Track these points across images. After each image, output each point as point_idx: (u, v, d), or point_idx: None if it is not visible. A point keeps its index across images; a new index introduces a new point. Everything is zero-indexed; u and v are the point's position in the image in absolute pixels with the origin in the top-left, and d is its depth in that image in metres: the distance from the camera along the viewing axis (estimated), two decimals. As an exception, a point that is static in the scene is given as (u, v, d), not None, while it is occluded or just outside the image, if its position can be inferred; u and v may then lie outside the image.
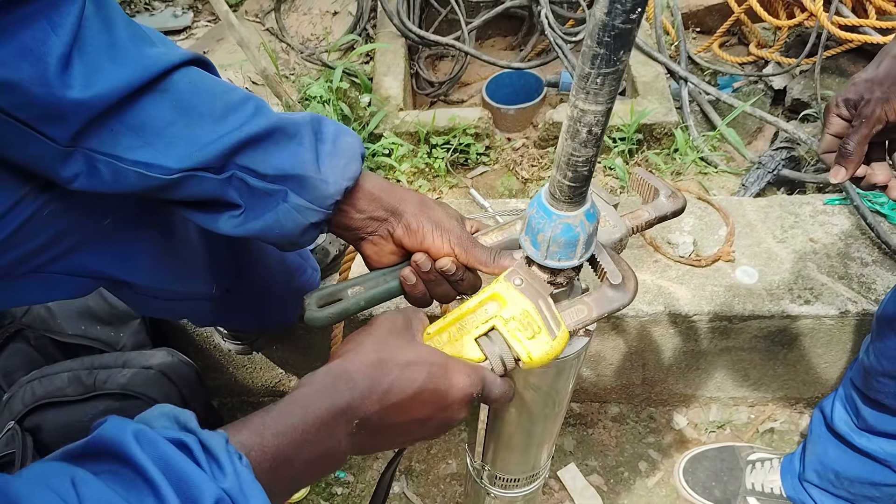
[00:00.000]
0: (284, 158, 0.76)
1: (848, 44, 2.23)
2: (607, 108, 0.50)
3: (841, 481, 1.42)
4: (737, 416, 1.81)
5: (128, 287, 0.98)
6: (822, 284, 1.53)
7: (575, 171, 0.56)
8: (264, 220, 0.78)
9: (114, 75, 0.67)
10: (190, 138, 0.72)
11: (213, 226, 0.80)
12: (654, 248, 1.61)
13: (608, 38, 0.44)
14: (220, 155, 0.73)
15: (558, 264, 0.66)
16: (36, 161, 0.71)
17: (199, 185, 0.75)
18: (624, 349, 1.63)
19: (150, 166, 0.72)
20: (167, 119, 0.71)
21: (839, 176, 0.99)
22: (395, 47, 2.53)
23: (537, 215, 0.63)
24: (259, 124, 0.75)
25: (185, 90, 0.72)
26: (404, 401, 0.64)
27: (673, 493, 1.70)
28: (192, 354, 1.66)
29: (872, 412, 1.28)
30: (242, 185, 0.76)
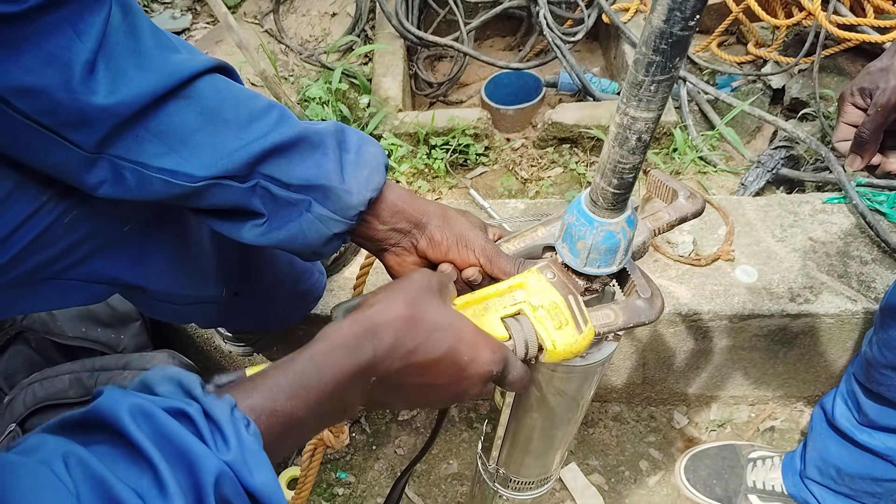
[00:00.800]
0: (309, 168, 0.76)
1: (846, 43, 2.23)
2: (658, 114, 0.49)
3: (842, 477, 1.42)
4: (737, 415, 1.81)
5: (142, 292, 0.98)
6: (822, 283, 1.54)
7: (621, 178, 0.55)
8: (288, 229, 0.78)
9: (139, 82, 0.68)
10: (215, 146, 0.72)
11: (236, 234, 0.80)
12: (654, 248, 1.61)
13: (665, 45, 0.44)
14: (245, 163, 0.73)
15: (597, 271, 0.66)
16: (60, 167, 0.71)
17: (223, 193, 0.75)
18: (624, 349, 1.64)
19: (175, 174, 0.72)
20: (192, 126, 0.71)
21: (855, 164, 0.99)
22: (394, 48, 2.53)
23: (577, 222, 0.62)
24: (284, 133, 0.75)
25: (210, 97, 0.73)
26: (427, 363, 0.62)
27: (674, 492, 1.70)
28: (193, 356, 1.66)
29: (874, 407, 1.28)
30: (266, 195, 0.76)
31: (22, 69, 0.62)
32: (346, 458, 1.77)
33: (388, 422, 1.83)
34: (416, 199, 0.83)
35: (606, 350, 0.75)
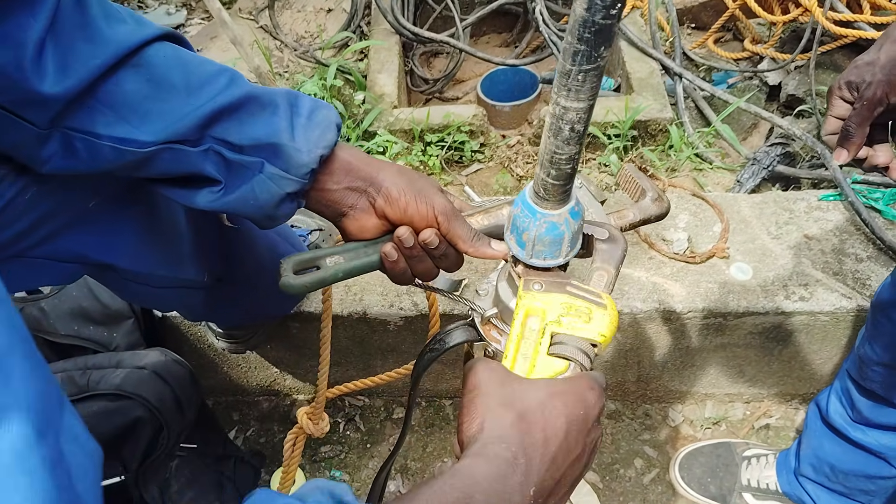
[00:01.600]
0: (259, 127, 0.76)
1: (843, 39, 2.23)
2: (589, 104, 0.50)
3: (836, 475, 1.42)
4: (732, 413, 1.81)
5: (113, 271, 0.97)
6: (817, 280, 1.53)
7: (558, 168, 0.56)
8: (240, 191, 0.78)
9: (88, 56, 0.68)
10: (165, 112, 0.72)
11: (191, 201, 0.80)
12: (650, 245, 1.61)
13: (588, 34, 0.44)
14: (195, 126, 0.73)
15: (544, 263, 0.66)
16: (16, 146, 0.71)
17: (174, 158, 0.74)
18: (619, 346, 1.63)
19: (124, 141, 0.72)
20: (142, 93, 0.71)
21: (842, 157, 0.99)
22: (390, 44, 2.52)
23: (522, 214, 0.63)
24: (233, 94, 0.74)
25: (159, 64, 0.73)
26: (563, 443, 0.59)
27: (669, 490, 1.70)
28: (186, 354, 1.65)
29: (868, 404, 1.28)
30: (219, 159, 0.76)
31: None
32: (341, 456, 1.77)
33: (382, 420, 1.82)
34: (371, 158, 0.82)
35: None
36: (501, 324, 0.74)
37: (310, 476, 1.73)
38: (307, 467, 1.74)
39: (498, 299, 0.74)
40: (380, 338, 1.63)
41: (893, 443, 1.27)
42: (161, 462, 1.46)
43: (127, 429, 1.37)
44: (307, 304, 1.55)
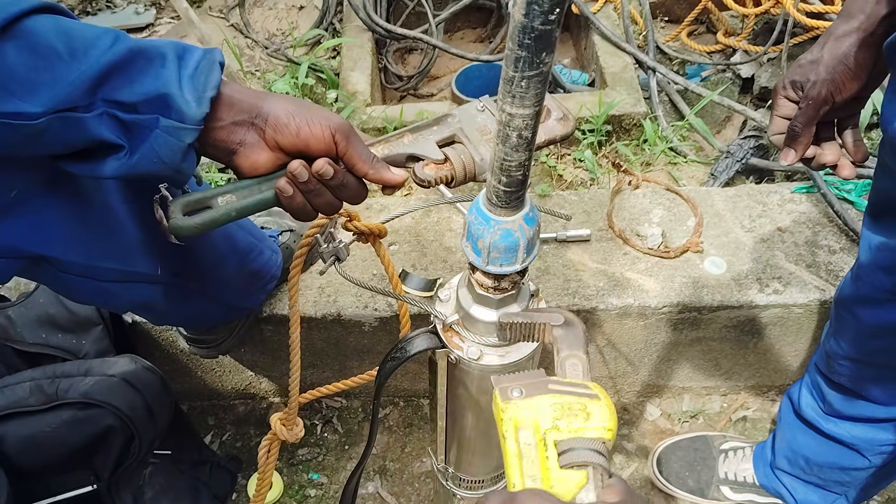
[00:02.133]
0: (148, 82, 0.73)
1: (814, 31, 2.24)
2: (535, 111, 0.49)
3: (811, 467, 1.43)
4: (709, 406, 1.82)
5: (48, 264, 0.94)
6: (791, 273, 1.54)
7: (509, 175, 0.55)
8: (140, 152, 0.75)
9: None
10: (51, 81, 0.70)
11: (100, 172, 0.77)
12: (624, 241, 1.61)
13: (529, 40, 0.43)
14: (84, 90, 0.71)
15: (500, 270, 0.65)
16: None
17: (68, 128, 0.72)
18: (595, 342, 1.63)
19: (14, 115, 0.70)
20: (25, 65, 0.69)
21: (789, 158, 0.99)
22: (362, 41, 2.50)
23: (476, 221, 0.62)
24: (117, 51, 0.72)
25: (41, 33, 0.70)
26: None
27: (647, 484, 1.70)
28: (158, 360, 1.63)
29: (838, 396, 1.29)
30: (115, 122, 0.74)
31: None
32: (319, 458, 1.75)
33: (360, 421, 1.81)
34: (256, 91, 0.80)
35: (527, 349, 0.74)
36: (463, 330, 0.73)
37: (287, 480, 1.71)
38: (284, 470, 1.73)
39: (459, 305, 0.73)
40: (355, 339, 1.62)
41: (865, 434, 1.28)
42: (134, 470, 1.44)
43: (97, 438, 1.34)
44: (281, 306, 1.53)
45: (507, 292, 0.69)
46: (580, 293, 1.52)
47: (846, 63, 0.92)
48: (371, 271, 1.58)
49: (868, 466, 1.32)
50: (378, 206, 1.74)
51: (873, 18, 0.90)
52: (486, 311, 0.71)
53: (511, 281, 0.68)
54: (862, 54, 0.91)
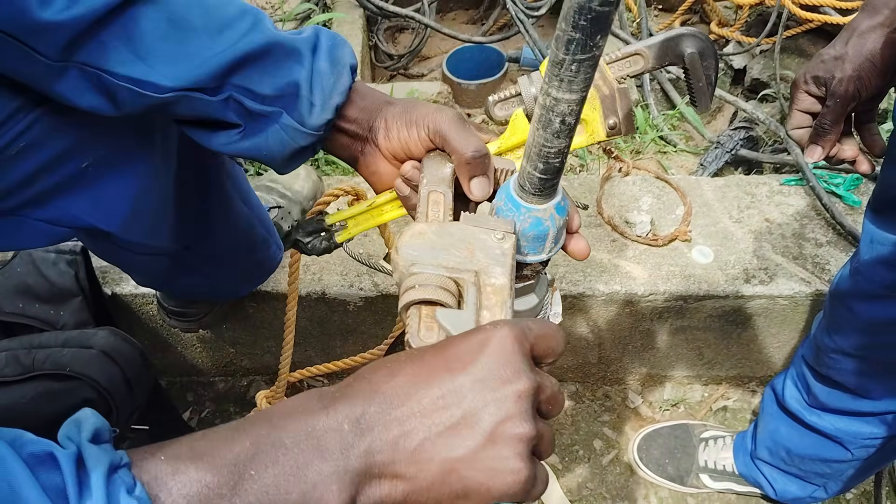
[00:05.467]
0: (282, 77, 0.73)
1: (808, 24, 2.24)
2: (581, 96, 0.46)
3: (792, 458, 1.44)
4: (691, 395, 1.82)
5: (105, 237, 0.94)
6: (777, 265, 1.54)
7: (546, 162, 0.52)
8: (255, 139, 0.75)
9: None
10: (184, 55, 0.69)
11: (208, 142, 0.78)
12: (612, 228, 1.60)
13: (584, 21, 0.41)
14: (215, 74, 0.70)
15: (525, 258, 0.63)
16: (31, 76, 0.68)
17: (194, 105, 0.72)
18: (580, 328, 1.63)
19: (142, 83, 0.69)
20: (159, 33, 0.68)
21: (815, 155, 0.98)
22: (353, 18, 2.46)
23: (505, 207, 0.60)
24: (255, 40, 0.71)
25: (178, 3, 0.69)
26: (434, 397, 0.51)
27: (627, 471, 1.70)
28: (138, 333, 1.61)
29: (823, 389, 1.29)
30: (239, 107, 0.73)
31: None
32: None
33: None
34: (381, 96, 0.78)
35: (529, 302, 0.72)
36: None
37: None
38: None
39: None
40: (339, 318, 1.60)
41: (849, 427, 1.28)
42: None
43: (74, 410, 1.32)
44: (264, 283, 1.51)
45: (527, 280, 0.67)
46: (567, 278, 1.51)
47: (872, 60, 0.91)
48: (358, 250, 1.56)
49: (850, 459, 1.33)
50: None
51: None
52: None
53: (533, 270, 0.66)
54: (888, 50, 0.90)
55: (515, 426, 0.47)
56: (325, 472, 0.46)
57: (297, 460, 0.46)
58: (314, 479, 0.45)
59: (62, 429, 0.45)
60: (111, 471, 0.42)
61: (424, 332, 0.57)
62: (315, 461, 0.46)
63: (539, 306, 0.71)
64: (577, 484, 1.68)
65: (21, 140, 0.75)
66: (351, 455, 0.47)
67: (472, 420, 0.47)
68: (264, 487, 0.44)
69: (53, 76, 0.68)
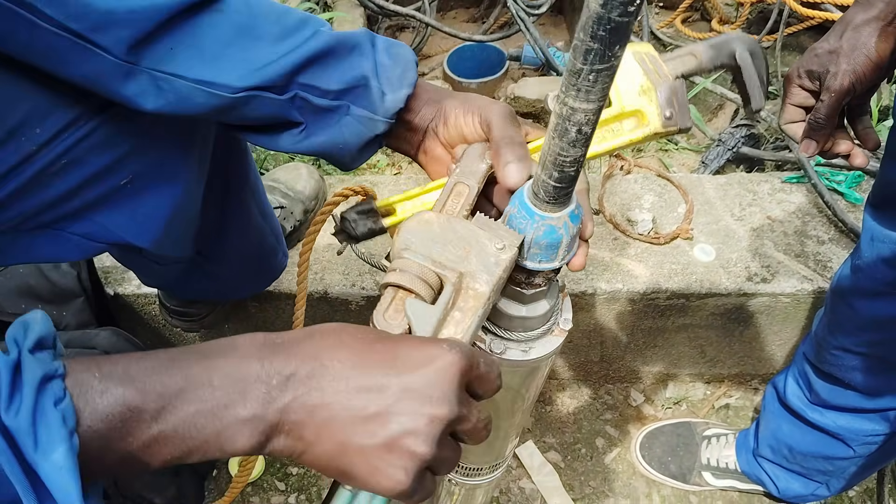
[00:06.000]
0: (347, 71, 0.75)
1: (809, 21, 2.23)
2: (598, 106, 0.46)
3: (794, 456, 1.44)
4: (693, 393, 1.82)
5: (138, 252, 0.95)
6: (779, 262, 1.54)
7: (561, 171, 0.52)
8: (327, 134, 0.77)
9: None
10: (249, 59, 0.71)
11: (273, 145, 0.79)
12: (614, 226, 1.60)
13: (603, 31, 0.40)
14: (282, 74, 0.72)
15: (538, 266, 0.63)
16: (96, 78, 0.69)
17: (261, 105, 0.73)
18: (582, 327, 1.63)
19: (213, 84, 0.71)
20: (225, 39, 0.70)
21: (810, 149, 0.98)
22: (354, 17, 2.46)
23: (518, 214, 0.60)
24: (319, 42, 0.73)
25: (242, 11, 0.72)
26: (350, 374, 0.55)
27: (630, 469, 1.71)
28: (140, 333, 1.61)
29: (825, 386, 1.29)
30: (305, 104, 0.75)
31: None
32: (301, 436, 1.74)
33: (343, 400, 1.80)
34: (442, 89, 0.80)
35: (551, 345, 0.72)
36: (487, 323, 0.71)
37: (268, 458, 1.70)
38: (266, 448, 1.71)
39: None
40: (341, 318, 1.60)
41: (851, 424, 1.28)
42: (114, 445, 1.42)
43: (76, 410, 1.32)
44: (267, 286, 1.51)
45: (538, 287, 0.67)
46: (569, 277, 1.51)
47: (867, 54, 0.90)
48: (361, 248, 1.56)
49: (853, 456, 1.33)
50: (393, 182, 1.72)
51: (892, 6, 0.89)
52: (515, 305, 0.69)
53: (545, 277, 0.66)
54: (883, 43, 0.90)
55: (415, 444, 0.51)
56: (242, 417, 0.50)
57: (220, 401, 0.49)
58: (230, 421, 0.50)
59: (10, 330, 0.47)
60: (44, 381, 0.44)
61: (392, 313, 0.59)
62: (236, 405, 0.50)
63: (550, 312, 0.71)
64: (579, 482, 1.69)
65: (64, 157, 0.76)
66: (270, 408, 0.51)
67: (383, 420, 0.51)
68: (183, 420, 0.49)
69: (122, 78, 0.69)
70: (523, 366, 0.71)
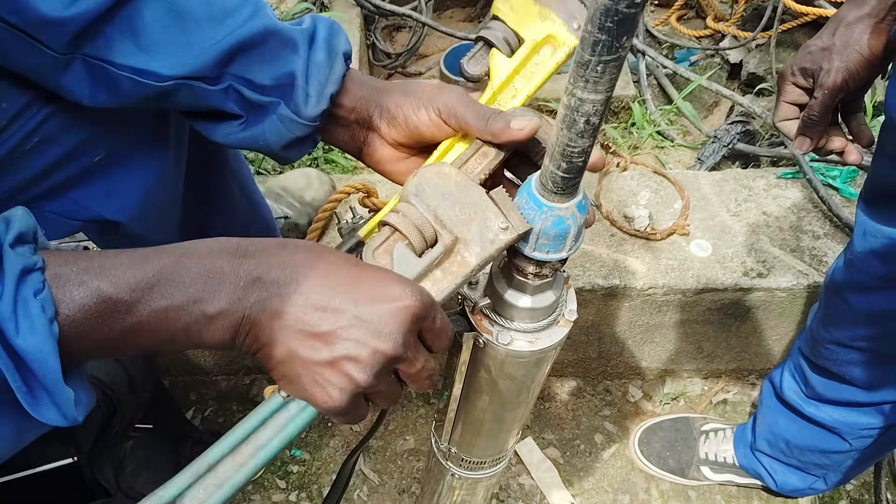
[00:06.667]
0: (279, 67, 0.72)
1: (803, 17, 2.24)
2: (606, 96, 0.46)
3: (791, 450, 1.45)
4: (691, 388, 1.83)
5: (115, 231, 0.95)
6: (775, 257, 1.55)
7: (570, 161, 0.53)
8: (252, 130, 0.75)
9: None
10: (185, 44, 0.70)
11: (211, 134, 0.78)
12: (611, 223, 1.61)
13: (610, 23, 0.41)
14: (214, 62, 0.70)
15: (546, 256, 0.63)
16: (37, 70, 0.69)
17: (194, 95, 0.72)
18: (580, 323, 1.64)
19: (142, 72, 0.69)
20: (162, 23, 0.69)
21: (805, 146, 0.99)
22: (350, 17, 2.47)
23: (527, 206, 0.60)
24: (252, 27, 0.71)
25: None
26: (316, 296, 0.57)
27: (628, 465, 1.71)
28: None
29: (820, 380, 1.30)
30: (239, 97, 0.74)
31: None
32: (301, 435, 1.75)
33: (343, 398, 1.81)
34: (378, 82, 0.76)
35: (557, 336, 0.73)
36: (493, 314, 0.72)
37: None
38: (267, 447, 1.72)
39: (492, 289, 0.71)
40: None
41: (847, 418, 1.29)
42: (115, 443, 1.43)
43: (78, 410, 1.33)
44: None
45: (545, 279, 0.68)
46: (566, 273, 1.52)
47: (860, 51, 0.91)
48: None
49: (849, 450, 1.34)
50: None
51: (884, 3, 0.90)
52: (521, 296, 0.69)
53: (552, 268, 0.66)
54: (875, 40, 0.91)
55: (355, 369, 0.54)
56: (209, 313, 0.53)
57: (191, 297, 0.53)
58: (197, 316, 0.53)
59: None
60: (24, 273, 0.47)
61: (381, 252, 0.61)
62: (204, 302, 0.53)
63: (556, 303, 0.72)
64: (578, 478, 1.69)
65: (35, 136, 0.75)
66: (236, 306, 0.54)
67: (330, 340, 0.54)
68: (155, 313, 0.52)
69: (59, 69, 0.68)
70: (529, 356, 0.72)
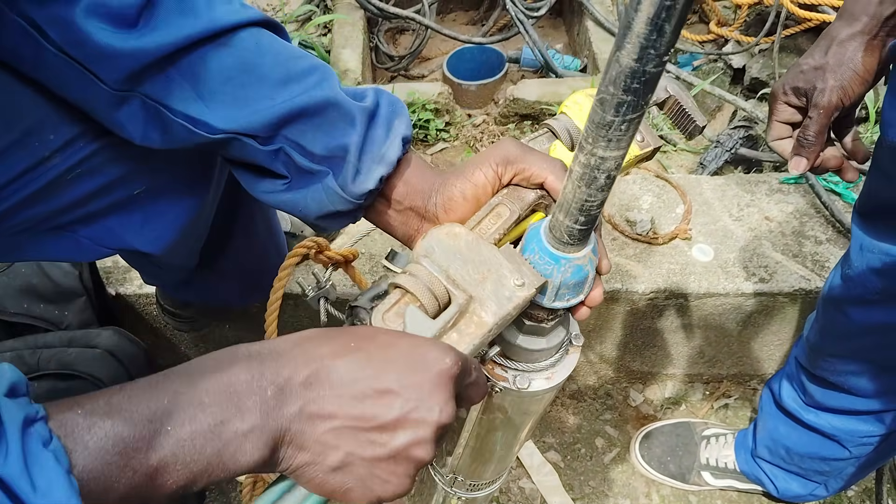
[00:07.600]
0: (334, 138, 0.70)
1: (807, 23, 2.24)
2: (626, 150, 0.46)
3: (792, 457, 1.44)
4: (692, 393, 1.83)
5: (146, 258, 0.96)
6: (777, 263, 1.54)
7: (588, 214, 0.52)
8: (294, 194, 0.73)
9: (178, 27, 0.65)
10: (243, 99, 0.68)
11: (250, 187, 0.76)
12: (613, 226, 1.61)
13: (638, 84, 0.40)
14: (269, 123, 0.69)
15: (568, 304, 0.62)
16: (93, 104, 0.69)
17: (243, 149, 0.71)
18: (582, 328, 1.63)
19: (195, 121, 0.68)
20: (225, 75, 0.67)
21: (801, 167, 0.97)
22: (354, 19, 2.47)
23: (541, 261, 0.58)
24: (314, 96, 0.69)
25: (250, 49, 0.68)
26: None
27: (629, 469, 1.71)
28: (142, 333, 1.61)
29: (818, 389, 1.29)
30: (289, 161, 0.72)
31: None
32: None
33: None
34: (434, 168, 0.75)
35: (570, 365, 0.71)
36: (505, 360, 0.71)
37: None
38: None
39: (499, 337, 0.69)
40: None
41: (846, 426, 1.28)
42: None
43: (79, 410, 1.33)
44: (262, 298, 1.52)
45: (558, 318, 0.66)
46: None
47: (854, 69, 0.90)
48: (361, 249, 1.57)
49: (849, 457, 1.33)
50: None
51: (877, 20, 0.89)
52: (537, 340, 0.68)
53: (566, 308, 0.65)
54: (869, 58, 0.90)
55: (422, 451, 0.51)
56: (242, 431, 0.48)
57: (215, 417, 0.47)
58: (229, 437, 0.48)
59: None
60: (27, 424, 0.42)
61: (392, 316, 0.59)
62: (233, 420, 0.48)
63: (566, 338, 0.71)
64: (578, 482, 1.69)
65: (78, 168, 0.75)
66: (270, 417, 0.49)
67: (392, 428, 0.50)
68: (180, 443, 0.46)
69: (114, 105, 0.68)
70: (548, 391, 0.71)
